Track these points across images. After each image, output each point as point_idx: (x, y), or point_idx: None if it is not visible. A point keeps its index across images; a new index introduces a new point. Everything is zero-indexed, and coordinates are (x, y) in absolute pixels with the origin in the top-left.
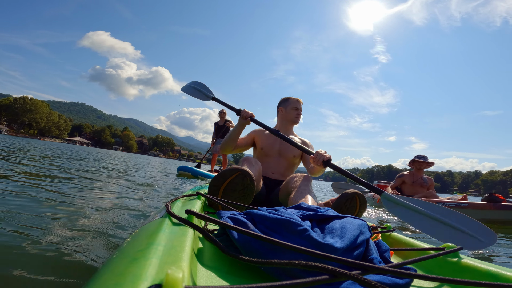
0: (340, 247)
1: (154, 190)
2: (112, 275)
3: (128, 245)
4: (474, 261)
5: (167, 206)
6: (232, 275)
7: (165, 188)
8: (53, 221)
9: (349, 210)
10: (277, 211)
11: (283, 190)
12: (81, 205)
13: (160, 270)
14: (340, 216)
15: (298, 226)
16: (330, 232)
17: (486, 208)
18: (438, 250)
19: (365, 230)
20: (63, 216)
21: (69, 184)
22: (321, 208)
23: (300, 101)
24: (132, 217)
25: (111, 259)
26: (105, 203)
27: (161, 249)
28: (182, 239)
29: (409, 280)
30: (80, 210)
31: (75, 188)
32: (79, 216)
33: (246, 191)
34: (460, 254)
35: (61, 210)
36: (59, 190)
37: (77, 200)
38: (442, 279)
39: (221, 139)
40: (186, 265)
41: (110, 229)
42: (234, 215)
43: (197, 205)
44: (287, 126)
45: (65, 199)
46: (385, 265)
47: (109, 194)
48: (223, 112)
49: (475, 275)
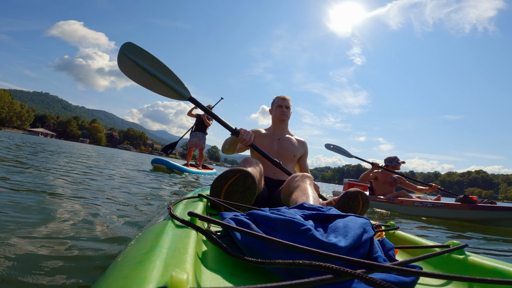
0: (344, 246)
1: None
2: (117, 278)
3: (132, 248)
4: (480, 258)
5: (170, 208)
6: (236, 276)
7: (142, 184)
8: (52, 225)
9: (352, 209)
10: (280, 211)
11: (284, 190)
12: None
13: (164, 273)
14: (343, 215)
15: (301, 226)
16: (333, 231)
17: (463, 208)
18: (443, 247)
19: (368, 228)
20: (61, 221)
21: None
22: (323, 208)
23: (286, 97)
24: (134, 219)
25: (116, 262)
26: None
27: (165, 252)
28: (185, 241)
29: (415, 278)
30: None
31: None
32: (79, 218)
33: (248, 192)
34: (466, 251)
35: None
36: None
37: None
38: (449, 276)
39: (198, 132)
40: (190, 267)
41: (114, 230)
42: (237, 216)
43: (200, 207)
44: (278, 125)
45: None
46: (390, 263)
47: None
48: (208, 106)
49: (481, 272)
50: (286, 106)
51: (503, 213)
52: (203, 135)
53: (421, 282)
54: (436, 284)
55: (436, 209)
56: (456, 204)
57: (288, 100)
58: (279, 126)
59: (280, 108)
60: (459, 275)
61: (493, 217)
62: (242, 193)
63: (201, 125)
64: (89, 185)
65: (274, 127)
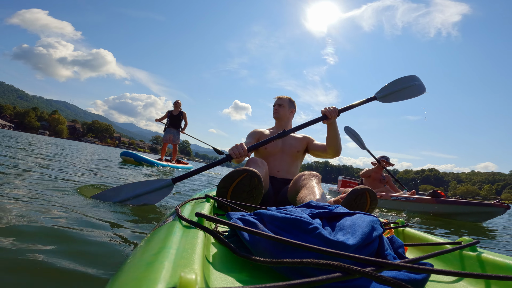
0: (352, 244)
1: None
2: (128, 280)
3: (142, 250)
4: (492, 255)
5: (177, 209)
6: (244, 276)
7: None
8: (60, 227)
9: (360, 207)
10: (287, 210)
11: (291, 189)
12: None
13: (173, 274)
14: (351, 213)
15: (309, 224)
16: (341, 230)
17: (429, 202)
18: (454, 244)
19: (377, 226)
20: (63, 224)
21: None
22: (331, 206)
23: (279, 97)
24: (135, 220)
25: (126, 263)
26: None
27: (173, 253)
28: (193, 241)
29: (426, 275)
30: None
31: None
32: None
33: (255, 191)
34: (478, 248)
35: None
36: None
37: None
38: (461, 273)
39: (172, 128)
40: (198, 268)
41: (122, 231)
42: (244, 216)
43: (207, 208)
44: (276, 122)
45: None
46: (400, 261)
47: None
48: (178, 102)
49: (494, 268)
50: (278, 104)
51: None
52: (177, 131)
53: (432, 279)
54: (448, 281)
55: (409, 203)
56: (425, 198)
57: (282, 99)
58: (278, 124)
59: (274, 107)
60: (472, 272)
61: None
62: (248, 193)
63: (174, 122)
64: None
65: (276, 125)
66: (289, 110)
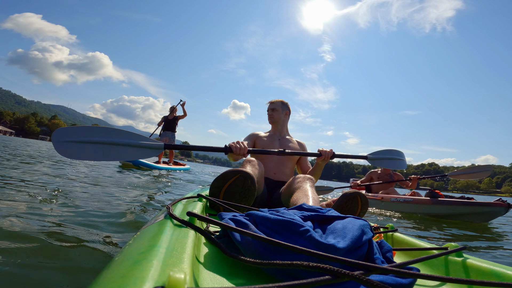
0: (342, 247)
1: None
2: (114, 278)
3: (130, 247)
4: (478, 261)
5: (169, 208)
6: (234, 276)
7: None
8: (50, 225)
9: (351, 210)
10: (279, 212)
11: (285, 191)
12: (79, 205)
13: (162, 272)
14: (342, 217)
15: (300, 227)
16: (332, 233)
17: (426, 203)
18: (441, 249)
19: (367, 230)
20: (61, 219)
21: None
22: (322, 209)
23: (272, 101)
24: (133, 218)
25: (113, 261)
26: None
27: (163, 251)
28: (183, 241)
29: (412, 280)
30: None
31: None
32: (78, 218)
33: (247, 193)
34: (464, 254)
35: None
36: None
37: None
38: (446, 278)
39: (168, 131)
40: (188, 267)
41: (111, 229)
42: (236, 216)
43: (199, 207)
44: (273, 127)
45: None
46: (388, 265)
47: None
48: (175, 109)
49: (479, 274)
50: (272, 109)
51: (460, 207)
52: (172, 134)
53: (418, 283)
54: (433, 285)
55: (407, 204)
56: (421, 199)
57: (275, 103)
58: (275, 127)
59: (267, 112)
60: (456, 277)
61: (453, 212)
62: (241, 193)
63: (170, 125)
64: (74, 186)
65: (272, 129)
66: (283, 112)
